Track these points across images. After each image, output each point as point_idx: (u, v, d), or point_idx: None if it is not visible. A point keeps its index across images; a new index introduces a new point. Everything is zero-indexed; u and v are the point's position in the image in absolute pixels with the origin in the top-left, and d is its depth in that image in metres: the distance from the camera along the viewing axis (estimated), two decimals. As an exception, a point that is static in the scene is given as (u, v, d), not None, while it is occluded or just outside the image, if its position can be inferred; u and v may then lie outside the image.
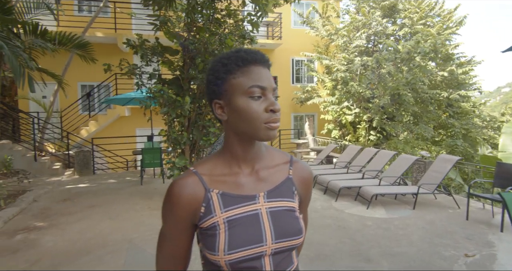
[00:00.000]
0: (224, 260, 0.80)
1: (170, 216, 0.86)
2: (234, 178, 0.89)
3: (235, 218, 0.83)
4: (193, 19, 5.38)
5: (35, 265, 3.55)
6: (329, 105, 12.59)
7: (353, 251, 3.76)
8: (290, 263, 0.90)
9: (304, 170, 0.98)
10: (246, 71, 0.84)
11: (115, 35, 10.99)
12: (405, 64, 12.02)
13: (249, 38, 5.66)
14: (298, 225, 0.89)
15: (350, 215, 5.09)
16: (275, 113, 0.83)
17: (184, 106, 5.08)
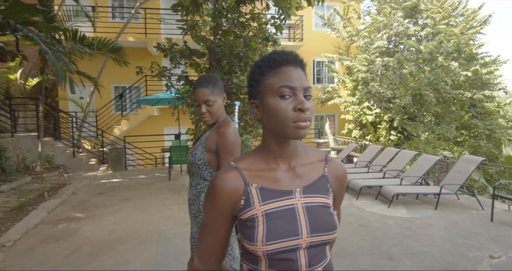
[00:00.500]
0: (262, 251, 0.82)
1: (212, 208, 0.89)
2: (272, 174, 0.90)
3: (273, 211, 0.85)
4: (219, 23, 5.44)
5: (75, 252, 3.70)
6: (350, 105, 12.38)
7: (374, 249, 3.69)
8: (323, 258, 0.90)
9: (338, 168, 0.98)
10: (277, 72, 0.85)
11: (145, 40, 11.27)
12: (427, 65, 11.64)
13: (272, 40, 5.66)
14: (332, 221, 0.89)
15: (371, 214, 4.99)
16: (303, 112, 0.82)
17: (211, 106, 5.15)
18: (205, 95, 1.66)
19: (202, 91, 1.66)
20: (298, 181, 0.91)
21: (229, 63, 5.23)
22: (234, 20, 5.52)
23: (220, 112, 1.74)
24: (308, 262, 0.86)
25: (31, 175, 7.34)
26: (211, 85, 1.69)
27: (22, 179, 6.86)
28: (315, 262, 0.87)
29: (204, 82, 1.68)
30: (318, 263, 0.88)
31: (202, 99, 1.65)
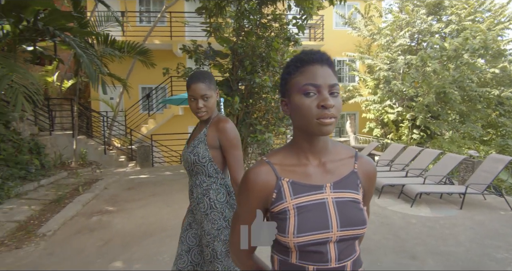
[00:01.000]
0: (293, 242, 0.83)
1: (245, 200, 0.92)
2: (303, 169, 0.91)
3: (304, 205, 0.86)
4: (242, 25, 5.47)
5: (108, 243, 3.82)
6: (371, 104, 12.07)
7: (397, 248, 3.59)
8: (353, 252, 0.90)
9: (368, 165, 0.98)
10: (303, 71, 0.86)
11: (170, 42, 11.48)
12: (452, 62, 11.18)
13: (294, 40, 5.64)
14: (362, 216, 0.89)
15: (393, 212, 4.86)
16: (327, 109, 0.82)
17: (234, 105, 5.19)
18: (202, 90, 1.64)
19: (199, 86, 1.64)
20: (328, 176, 0.91)
21: (251, 63, 5.25)
22: (256, 21, 5.54)
23: (215, 107, 1.74)
24: (337, 255, 0.86)
25: (67, 171, 7.66)
26: (207, 81, 1.67)
27: (59, 174, 7.16)
28: (344, 256, 0.87)
29: (201, 77, 1.66)
30: (348, 257, 0.88)
31: (200, 94, 1.64)
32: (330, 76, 0.85)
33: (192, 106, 1.68)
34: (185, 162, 1.75)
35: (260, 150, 6.09)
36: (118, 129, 11.08)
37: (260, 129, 5.64)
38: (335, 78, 0.87)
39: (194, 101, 1.66)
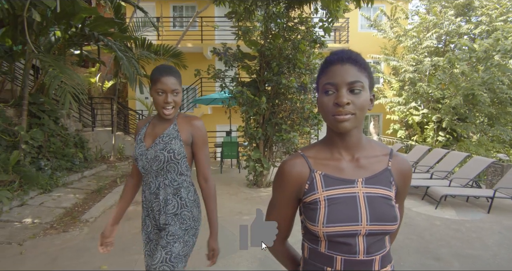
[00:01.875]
0: (322, 232, 0.84)
1: (279, 189, 0.94)
2: (336, 163, 0.91)
3: (334, 197, 0.86)
4: (269, 28, 5.47)
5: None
6: (395, 105, 11.61)
7: (421, 248, 3.46)
8: (382, 247, 0.89)
9: (403, 164, 0.96)
10: (327, 71, 0.87)
11: (201, 45, 11.67)
12: (481, 64, 10.54)
13: (319, 42, 5.56)
14: (393, 213, 0.87)
15: (417, 214, 4.67)
16: (341, 106, 0.82)
17: (261, 105, 5.20)
18: (173, 84, 1.47)
19: (171, 80, 1.46)
20: (361, 171, 0.90)
21: (278, 65, 5.23)
22: (283, 24, 5.51)
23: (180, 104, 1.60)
24: (366, 248, 0.85)
25: (106, 164, 8.00)
26: (177, 75, 1.51)
27: (100, 167, 7.47)
28: (373, 250, 0.86)
29: (171, 71, 1.49)
30: (376, 252, 0.87)
31: (170, 88, 1.46)
32: (350, 74, 0.84)
33: (159, 100, 1.47)
34: (154, 161, 1.51)
35: (285, 149, 6.06)
36: (152, 126, 11.42)
37: (285, 129, 5.61)
38: (358, 75, 0.84)
39: (163, 95, 1.47)
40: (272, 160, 6.10)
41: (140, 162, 1.53)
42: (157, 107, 1.48)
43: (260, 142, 5.86)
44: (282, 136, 5.52)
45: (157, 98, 1.47)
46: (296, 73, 5.45)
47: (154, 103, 1.49)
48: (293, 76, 5.36)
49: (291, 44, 5.32)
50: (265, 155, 5.94)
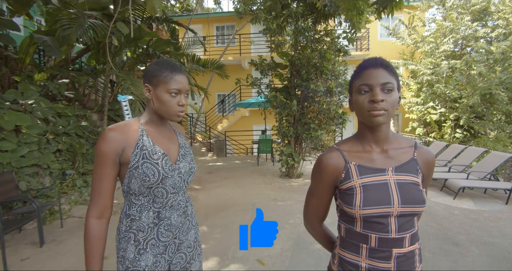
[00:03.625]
0: (359, 214, 0.85)
1: (318, 179, 0.94)
2: (368, 155, 0.91)
3: (368, 184, 0.86)
4: (298, 40, 5.42)
5: (195, 213, 4.10)
6: (414, 105, 10.89)
7: (440, 235, 3.23)
8: (412, 227, 0.88)
9: (427, 154, 0.94)
10: (360, 74, 0.87)
11: (239, 58, 11.81)
12: (499, 65, 9.57)
13: (344, 51, 5.42)
14: (421, 196, 0.87)
15: (436, 203, 4.36)
16: (376, 103, 0.82)
17: (292, 107, 5.19)
18: (187, 84, 1.05)
19: (184, 79, 1.04)
20: (390, 161, 0.90)
21: (307, 72, 5.18)
22: (311, 37, 5.45)
23: None
24: (397, 228, 0.85)
25: None
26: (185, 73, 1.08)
27: None
28: (403, 229, 0.86)
29: (180, 68, 1.05)
30: (407, 231, 0.86)
31: (186, 89, 1.04)
32: (383, 76, 0.84)
33: (172, 103, 1.01)
34: (188, 175, 1.11)
35: (313, 145, 5.99)
36: (200, 127, 11.78)
37: (314, 127, 5.55)
38: (389, 78, 0.85)
39: (177, 96, 1.02)
40: (302, 154, 6.06)
41: (170, 180, 1.03)
42: (167, 109, 1.02)
43: (291, 139, 5.83)
44: (311, 133, 5.47)
45: (169, 100, 1.01)
46: (323, 79, 5.35)
47: (163, 106, 1.02)
48: (320, 81, 5.28)
49: (318, 54, 5.24)
50: (295, 150, 5.91)
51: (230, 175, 6.46)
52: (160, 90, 1.01)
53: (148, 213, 1.03)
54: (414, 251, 0.88)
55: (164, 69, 1.01)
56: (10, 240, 3.21)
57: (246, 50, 11.88)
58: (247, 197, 4.73)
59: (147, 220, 1.03)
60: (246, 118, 12.33)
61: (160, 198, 1.04)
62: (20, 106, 3.86)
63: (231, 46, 11.80)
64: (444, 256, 2.74)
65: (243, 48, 11.81)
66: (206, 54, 11.49)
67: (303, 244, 2.97)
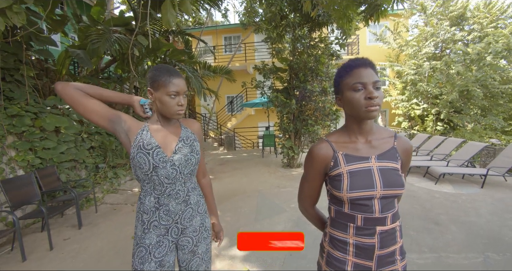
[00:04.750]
0: (346, 197, 0.84)
1: (310, 167, 0.93)
2: (353, 145, 0.90)
3: (354, 171, 0.85)
4: (296, 47, 5.33)
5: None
6: (399, 102, 10.68)
7: (422, 215, 3.19)
8: (393, 207, 0.87)
9: (406, 143, 0.93)
10: (351, 73, 0.84)
11: (245, 64, 11.70)
12: (475, 64, 9.29)
13: (336, 55, 5.31)
14: (401, 180, 0.85)
15: (419, 188, 4.28)
16: (372, 100, 0.80)
17: (291, 106, 5.13)
18: (184, 86, 1.04)
19: (182, 82, 1.02)
20: (373, 150, 0.89)
21: (304, 74, 5.10)
22: (307, 43, 5.35)
23: None
24: (380, 208, 0.84)
25: None
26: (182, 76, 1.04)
27: None
28: (386, 209, 0.85)
29: (177, 72, 1.03)
30: (388, 211, 0.85)
31: (183, 90, 1.03)
32: (373, 75, 0.83)
33: (172, 103, 1.01)
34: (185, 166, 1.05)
35: (311, 138, 5.94)
36: (212, 125, 11.80)
37: (311, 123, 5.49)
38: (377, 76, 0.84)
39: (176, 97, 1.01)
40: (301, 147, 6.02)
41: (162, 171, 1.01)
42: (168, 109, 1.01)
43: (291, 134, 5.79)
44: (308, 129, 5.41)
45: (169, 101, 1.00)
46: (318, 80, 5.27)
47: (164, 106, 1.01)
48: (316, 83, 5.20)
49: (313, 58, 5.14)
50: (295, 144, 5.87)
51: (239, 166, 6.43)
52: (161, 93, 1.00)
53: (150, 198, 1.04)
54: (395, 228, 0.87)
55: (163, 74, 1.00)
56: (54, 223, 3.29)
57: (250, 57, 11.78)
58: (254, 185, 4.72)
59: (150, 204, 1.04)
60: (252, 117, 12.29)
61: (159, 186, 1.03)
62: (59, 110, 3.90)
63: (237, 54, 11.71)
64: (426, 234, 2.71)
65: (248, 55, 11.70)
66: (216, 62, 11.43)
67: (302, 225, 2.96)
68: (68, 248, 2.69)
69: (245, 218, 3.25)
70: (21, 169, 3.18)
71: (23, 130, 3.24)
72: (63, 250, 2.65)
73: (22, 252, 2.48)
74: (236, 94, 12.12)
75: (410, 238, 2.62)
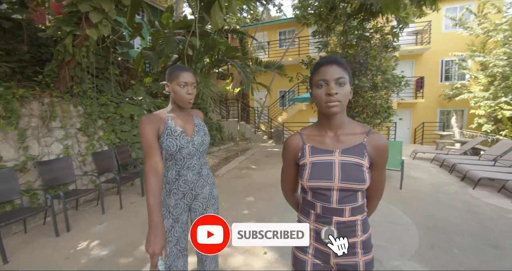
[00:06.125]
0: (306, 185, 0.90)
1: (284, 157, 1.01)
2: (321, 138, 0.93)
3: (317, 162, 0.90)
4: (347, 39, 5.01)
5: (248, 186, 4.32)
6: (482, 100, 8.67)
7: (478, 235, 2.67)
8: (354, 201, 0.88)
9: (377, 140, 0.91)
10: (318, 71, 0.87)
11: (298, 58, 11.48)
12: None
13: (391, 47, 4.76)
14: (361, 176, 0.86)
15: (487, 204, 3.53)
16: (331, 96, 0.82)
17: (336, 102, 4.91)
18: (192, 78, 1.26)
19: (191, 74, 1.26)
20: (339, 144, 0.91)
21: (352, 68, 4.79)
22: (360, 35, 4.96)
23: None
24: (338, 200, 0.87)
25: (233, 142, 8.91)
26: (192, 71, 1.30)
27: (229, 144, 8.34)
28: (344, 202, 0.87)
29: (187, 68, 1.28)
30: (347, 203, 0.87)
31: (191, 81, 1.25)
32: (336, 72, 0.84)
33: (183, 92, 1.24)
34: (201, 145, 1.33)
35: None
36: (263, 118, 12.12)
37: (359, 121, 5.14)
38: (342, 73, 0.84)
39: (185, 87, 1.24)
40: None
41: (185, 149, 1.28)
42: (179, 98, 1.25)
43: (336, 130, 5.52)
44: (354, 125, 5.07)
45: (180, 90, 1.24)
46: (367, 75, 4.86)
47: (176, 95, 1.25)
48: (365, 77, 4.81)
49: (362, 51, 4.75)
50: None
51: (282, 159, 6.52)
52: (174, 84, 1.25)
53: (172, 171, 1.33)
54: (355, 221, 0.88)
55: (175, 70, 1.26)
56: (125, 190, 4.15)
57: (304, 51, 11.49)
58: (292, 178, 4.75)
59: (171, 176, 1.33)
60: (303, 112, 12.03)
61: (180, 161, 1.31)
62: (134, 101, 4.81)
63: (291, 48, 11.59)
64: (475, 256, 2.30)
65: (301, 49, 11.45)
66: (270, 57, 11.59)
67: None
68: (132, 209, 3.40)
69: (275, 207, 3.39)
70: (106, 146, 4.11)
71: (108, 116, 4.17)
72: (129, 210, 3.37)
73: (102, 207, 3.29)
74: (288, 89, 12.05)
75: (451, 256, 2.29)
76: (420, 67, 10.57)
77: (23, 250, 2.46)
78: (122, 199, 3.64)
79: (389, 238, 2.58)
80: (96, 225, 2.97)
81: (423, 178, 4.73)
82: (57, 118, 3.46)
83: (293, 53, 11.68)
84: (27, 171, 3.02)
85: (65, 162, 3.25)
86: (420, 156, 6.88)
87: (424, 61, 10.46)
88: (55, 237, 2.68)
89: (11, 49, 3.71)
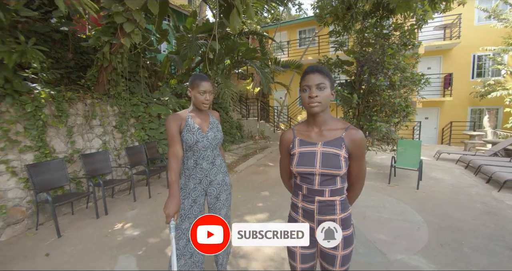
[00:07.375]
0: (294, 170, 1.09)
1: (280, 148, 1.21)
2: (308, 133, 1.12)
3: (303, 152, 1.08)
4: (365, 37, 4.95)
5: (264, 182, 4.52)
6: (518, 98, 7.92)
7: (493, 236, 2.60)
8: (332, 184, 1.05)
9: (354, 135, 1.06)
10: (304, 78, 1.06)
11: (318, 57, 11.30)
12: None
13: (410, 44, 4.62)
14: (338, 163, 1.03)
15: (510, 207, 3.37)
16: (312, 98, 1.00)
17: (353, 101, 4.90)
18: (210, 87, 1.51)
19: (209, 84, 1.52)
20: (322, 138, 1.08)
21: (368, 67, 4.74)
22: (378, 33, 4.88)
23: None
24: (319, 183, 1.05)
25: (253, 140, 9.12)
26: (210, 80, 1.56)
27: (248, 142, 8.58)
28: (324, 184, 1.05)
29: (206, 78, 1.53)
30: (327, 186, 1.05)
31: (209, 89, 1.51)
32: (318, 78, 1.02)
33: (201, 98, 1.51)
34: (214, 140, 1.59)
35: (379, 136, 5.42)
36: (283, 117, 12.19)
37: (375, 119, 5.08)
38: (322, 79, 1.02)
39: (204, 94, 1.51)
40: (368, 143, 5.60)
41: (200, 143, 1.54)
42: (198, 102, 1.53)
43: (354, 129, 5.46)
44: (372, 125, 5.03)
45: (199, 97, 1.51)
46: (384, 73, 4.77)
47: (196, 100, 1.53)
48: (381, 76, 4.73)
49: (380, 50, 4.68)
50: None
51: (299, 157, 6.57)
52: (195, 92, 1.54)
53: (190, 160, 1.61)
54: (334, 201, 1.05)
55: (196, 79, 1.54)
56: (153, 182, 4.57)
57: (324, 49, 11.35)
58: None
59: (190, 164, 1.62)
60: (322, 111, 11.88)
61: (197, 152, 1.59)
62: (160, 101, 5.23)
63: (311, 47, 11.50)
64: (486, 256, 2.29)
65: (321, 48, 11.33)
66: (290, 56, 11.61)
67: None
68: (159, 199, 3.77)
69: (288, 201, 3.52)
70: (137, 142, 4.55)
71: (138, 115, 4.61)
72: (156, 200, 3.75)
73: (134, 196, 3.70)
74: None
75: (459, 254, 2.29)
76: (448, 63, 9.93)
77: (72, 228, 2.91)
78: (151, 189, 4.04)
79: (397, 234, 2.62)
80: (129, 210, 3.36)
81: (444, 179, 4.56)
82: (97, 117, 3.94)
83: (313, 52, 11.59)
84: (74, 162, 3.50)
85: (103, 155, 3.70)
86: (445, 157, 6.55)
87: (454, 56, 9.79)
88: (96, 219, 3.10)
89: (60, 58, 4.28)
